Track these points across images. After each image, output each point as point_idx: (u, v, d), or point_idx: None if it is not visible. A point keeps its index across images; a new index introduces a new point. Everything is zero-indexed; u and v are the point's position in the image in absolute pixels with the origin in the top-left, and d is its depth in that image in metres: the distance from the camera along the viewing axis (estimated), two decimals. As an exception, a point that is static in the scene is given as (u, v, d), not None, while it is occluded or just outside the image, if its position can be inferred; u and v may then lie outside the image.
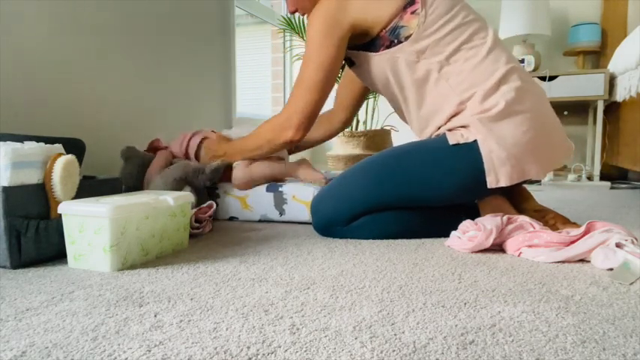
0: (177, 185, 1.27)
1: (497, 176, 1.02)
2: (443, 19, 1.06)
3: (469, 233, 0.98)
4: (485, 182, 1.02)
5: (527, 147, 1.01)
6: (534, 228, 0.95)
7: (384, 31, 1.09)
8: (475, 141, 1.02)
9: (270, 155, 1.32)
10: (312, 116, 1.15)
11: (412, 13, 1.07)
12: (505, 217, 0.99)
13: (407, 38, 1.07)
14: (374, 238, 1.11)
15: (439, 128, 1.10)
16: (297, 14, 1.31)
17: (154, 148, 1.48)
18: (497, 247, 0.98)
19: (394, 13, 1.07)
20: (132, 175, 1.35)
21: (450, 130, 1.07)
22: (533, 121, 1.02)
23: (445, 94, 1.07)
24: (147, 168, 1.36)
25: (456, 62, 1.06)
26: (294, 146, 1.50)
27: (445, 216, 1.11)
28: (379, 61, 1.12)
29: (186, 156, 1.42)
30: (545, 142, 1.04)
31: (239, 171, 1.34)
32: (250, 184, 1.36)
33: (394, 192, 1.08)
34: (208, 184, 1.33)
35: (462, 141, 1.03)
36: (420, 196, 1.08)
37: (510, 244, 0.95)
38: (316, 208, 1.16)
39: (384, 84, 1.17)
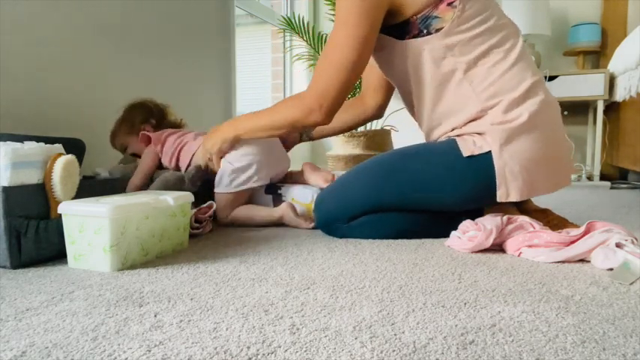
0: None
1: (508, 190, 1.00)
2: (478, 17, 1.02)
3: (469, 233, 0.98)
4: (494, 194, 1.00)
5: (541, 163, 1.00)
6: (534, 228, 0.95)
7: (415, 16, 1.03)
8: (489, 152, 0.99)
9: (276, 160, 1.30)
10: (342, 99, 1.08)
11: (449, 4, 1.01)
12: (505, 217, 0.98)
13: (437, 31, 1.02)
14: (374, 238, 1.10)
15: (453, 129, 1.07)
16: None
17: (145, 139, 1.44)
18: (497, 247, 0.98)
19: (430, 0, 1.02)
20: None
21: (460, 135, 1.05)
22: (549, 137, 1.01)
23: (467, 96, 1.03)
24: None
25: (483, 65, 1.02)
26: (308, 135, 1.46)
27: (446, 217, 1.10)
28: (402, 50, 1.07)
29: (176, 167, 1.39)
30: (556, 158, 1.03)
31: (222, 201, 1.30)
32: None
33: (397, 194, 1.07)
34: (194, 189, 1.26)
35: (476, 152, 1.00)
36: (423, 201, 1.07)
37: (510, 244, 0.95)
38: (319, 205, 1.16)
39: (401, 74, 1.12)
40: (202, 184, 1.31)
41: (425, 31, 1.03)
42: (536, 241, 0.91)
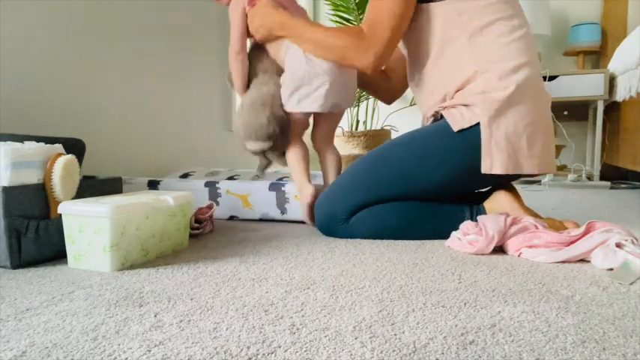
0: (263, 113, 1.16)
1: (492, 162, 1.01)
2: None
3: (469, 237, 0.98)
4: (480, 168, 1.03)
5: (526, 140, 1.02)
6: (537, 229, 0.95)
7: None
8: (477, 124, 1.01)
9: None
10: (391, 51, 1.09)
11: None
12: (510, 219, 0.97)
13: None
14: (373, 236, 1.10)
15: (445, 98, 1.09)
16: None
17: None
18: (498, 247, 0.98)
19: None
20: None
21: (447, 107, 1.06)
22: (536, 118, 1.03)
23: (465, 60, 1.05)
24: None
25: (488, 35, 1.04)
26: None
27: (445, 210, 1.10)
28: (420, 13, 1.09)
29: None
30: (542, 142, 1.05)
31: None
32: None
33: (397, 183, 1.07)
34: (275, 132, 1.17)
35: (465, 125, 1.02)
36: (423, 185, 1.07)
37: (511, 245, 0.95)
38: (318, 208, 1.16)
39: (413, 40, 1.14)
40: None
41: None
42: (536, 242, 0.91)
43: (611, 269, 0.82)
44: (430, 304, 0.65)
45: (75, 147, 1.04)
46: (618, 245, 0.86)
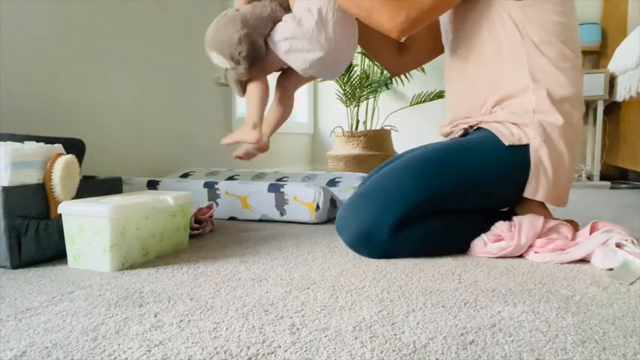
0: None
1: (537, 188, 0.97)
2: (559, 8, 0.99)
3: (500, 244, 0.93)
4: (521, 190, 0.98)
5: (566, 173, 0.99)
6: (568, 237, 0.93)
7: None
8: (527, 145, 0.97)
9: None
10: (425, 21, 1.00)
11: None
12: (548, 224, 0.94)
13: None
14: (420, 254, 0.96)
15: (486, 102, 1.04)
16: None
17: None
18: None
19: None
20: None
21: (490, 122, 1.02)
22: (575, 153, 1.01)
23: (521, 69, 1.00)
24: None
25: (550, 52, 0.99)
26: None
27: (483, 221, 1.02)
28: (479, 4, 1.03)
29: None
30: (571, 176, 1.02)
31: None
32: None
33: (451, 187, 0.97)
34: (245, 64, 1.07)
35: (515, 142, 0.97)
36: (475, 194, 0.99)
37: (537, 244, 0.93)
38: (348, 218, 0.97)
39: (469, 26, 1.07)
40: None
41: None
42: (551, 246, 0.90)
43: (611, 269, 0.82)
44: (430, 304, 0.65)
45: (75, 147, 1.04)
46: (618, 245, 0.86)
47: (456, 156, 1.00)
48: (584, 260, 0.89)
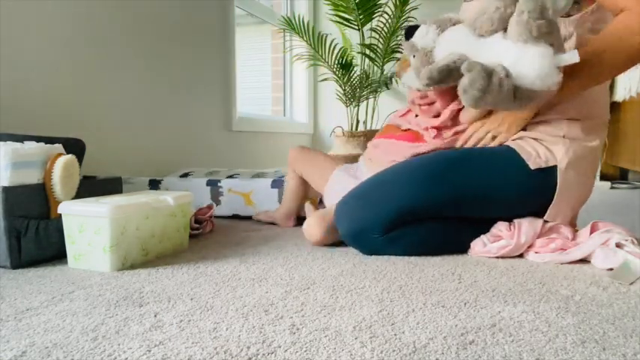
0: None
1: (558, 211, 0.94)
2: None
3: (500, 243, 0.93)
4: (542, 209, 0.95)
5: (585, 195, 0.99)
6: (569, 238, 0.92)
7: None
8: (554, 167, 0.93)
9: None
10: None
11: None
12: (546, 226, 0.94)
13: (569, 15, 0.92)
14: (413, 253, 0.95)
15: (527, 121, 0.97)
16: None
17: None
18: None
19: None
20: None
21: (520, 138, 0.97)
22: (594, 180, 1.01)
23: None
24: None
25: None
26: None
27: (481, 224, 1.00)
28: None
29: None
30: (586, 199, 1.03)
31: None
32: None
33: (451, 195, 0.95)
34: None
35: (542, 165, 0.93)
36: (477, 205, 0.97)
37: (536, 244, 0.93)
38: (345, 212, 0.98)
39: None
40: None
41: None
42: (552, 245, 0.90)
43: (611, 269, 0.82)
44: (430, 304, 0.65)
45: (75, 147, 1.04)
46: (618, 245, 0.86)
47: (468, 169, 0.97)
48: (584, 260, 0.88)
